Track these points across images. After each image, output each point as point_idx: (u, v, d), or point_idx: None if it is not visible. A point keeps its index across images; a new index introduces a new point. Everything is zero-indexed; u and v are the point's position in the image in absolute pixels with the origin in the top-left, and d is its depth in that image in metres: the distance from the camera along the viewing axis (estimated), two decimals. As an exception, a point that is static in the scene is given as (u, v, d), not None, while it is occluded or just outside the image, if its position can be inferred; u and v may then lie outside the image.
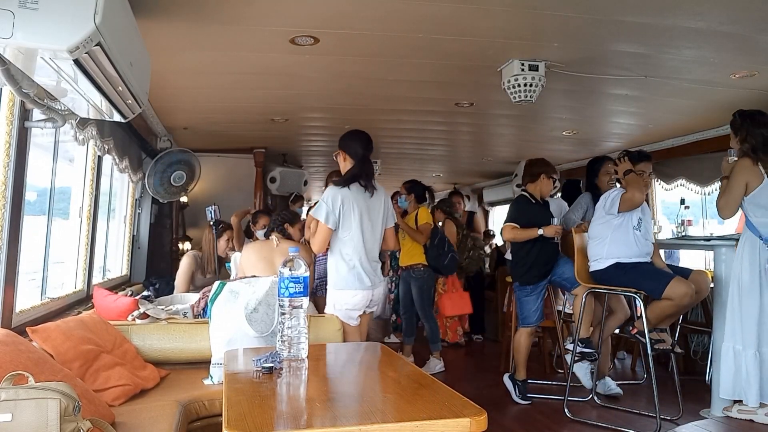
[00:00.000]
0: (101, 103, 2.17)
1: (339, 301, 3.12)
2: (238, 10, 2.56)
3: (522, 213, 4.02)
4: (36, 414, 1.53)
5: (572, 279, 3.86)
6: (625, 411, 3.80)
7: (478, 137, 5.84)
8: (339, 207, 3.06)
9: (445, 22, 2.71)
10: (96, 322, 2.82)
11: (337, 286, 3.13)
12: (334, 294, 3.14)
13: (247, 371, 1.93)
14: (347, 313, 3.13)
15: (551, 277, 4.01)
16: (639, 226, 3.56)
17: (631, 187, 3.51)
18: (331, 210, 3.04)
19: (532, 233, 3.89)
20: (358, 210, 3.09)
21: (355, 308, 3.13)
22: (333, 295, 3.15)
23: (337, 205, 3.05)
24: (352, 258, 3.08)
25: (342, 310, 3.12)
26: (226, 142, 5.90)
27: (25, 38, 1.59)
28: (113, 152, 3.87)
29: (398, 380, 1.90)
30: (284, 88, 3.93)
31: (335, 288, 3.14)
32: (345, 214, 3.07)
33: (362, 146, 3.17)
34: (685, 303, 3.34)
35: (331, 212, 3.04)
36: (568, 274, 3.91)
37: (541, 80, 3.19)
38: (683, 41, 2.89)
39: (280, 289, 2.05)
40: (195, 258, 4.44)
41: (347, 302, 3.11)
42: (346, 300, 3.11)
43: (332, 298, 3.15)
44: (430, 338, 5.05)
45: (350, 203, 3.08)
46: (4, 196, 2.40)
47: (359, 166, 3.15)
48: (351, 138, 3.21)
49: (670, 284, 3.30)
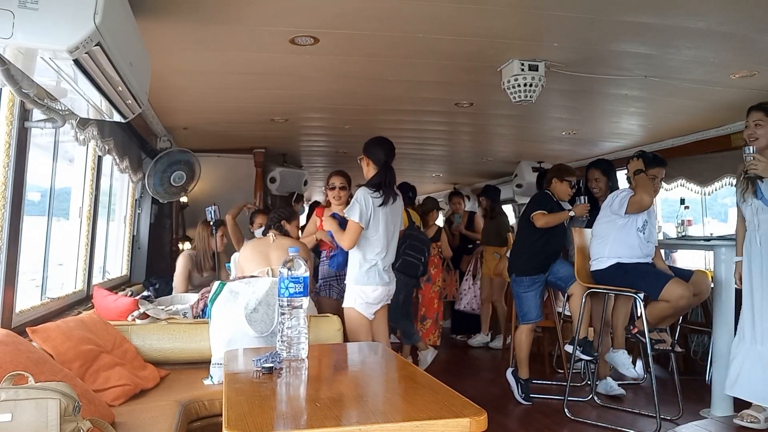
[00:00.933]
0: (101, 103, 2.17)
1: (361, 295, 3.29)
2: (238, 10, 2.56)
3: (545, 203, 4.05)
4: (36, 414, 1.53)
5: (567, 278, 3.87)
6: (625, 411, 3.80)
7: (478, 137, 5.84)
8: (371, 208, 3.25)
9: (445, 22, 2.71)
10: (96, 323, 2.82)
11: (359, 281, 3.29)
12: (356, 288, 3.30)
13: (247, 371, 1.93)
14: (368, 306, 3.31)
15: (548, 275, 4.02)
16: (644, 228, 3.56)
17: (640, 190, 3.49)
18: (364, 210, 3.23)
19: (563, 215, 3.96)
20: (384, 213, 3.29)
21: (375, 302, 3.32)
22: (355, 289, 3.31)
23: (369, 206, 3.25)
24: (377, 256, 3.28)
25: (363, 303, 3.29)
26: (226, 142, 5.90)
27: (25, 38, 1.59)
28: (113, 152, 3.87)
29: (398, 380, 1.90)
30: (284, 88, 3.93)
31: (357, 283, 3.29)
32: (374, 216, 3.26)
33: (385, 154, 3.36)
34: (682, 305, 3.33)
35: (365, 212, 3.23)
36: (563, 273, 3.92)
37: (541, 80, 3.19)
38: (683, 41, 2.89)
39: (280, 289, 2.05)
40: (190, 257, 4.43)
41: (368, 296, 3.29)
42: (367, 294, 3.29)
43: (354, 291, 3.31)
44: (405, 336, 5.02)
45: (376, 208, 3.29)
46: (4, 196, 2.40)
47: (383, 173, 3.34)
48: (375, 145, 3.40)
49: (667, 286, 3.30)
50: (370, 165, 3.37)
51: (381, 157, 3.35)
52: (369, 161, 3.37)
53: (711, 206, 5.74)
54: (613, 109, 4.42)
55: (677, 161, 5.29)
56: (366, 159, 3.38)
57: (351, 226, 3.23)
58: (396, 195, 3.39)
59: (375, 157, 3.36)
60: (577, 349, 3.72)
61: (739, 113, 4.30)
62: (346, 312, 3.33)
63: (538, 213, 4.00)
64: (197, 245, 4.55)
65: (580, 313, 3.74)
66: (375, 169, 3.36)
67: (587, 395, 4.02)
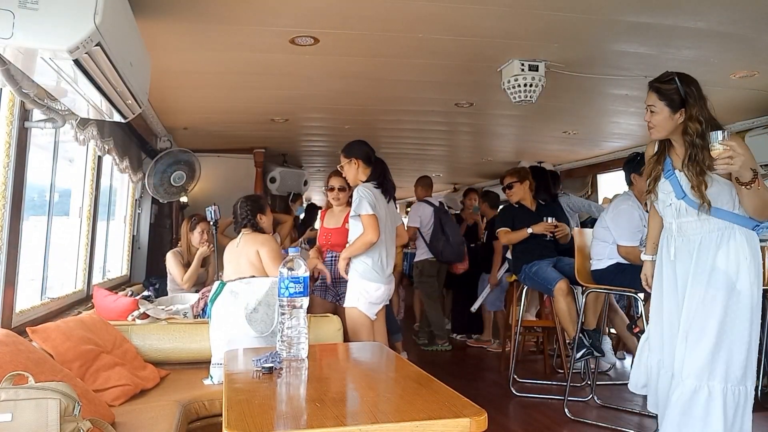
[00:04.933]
0: (101, 103, 2.17)
1: (364, 294, 3.28)
2: (238, 10, 2.56)
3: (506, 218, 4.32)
4: (36, 414, 1.53)
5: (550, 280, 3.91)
6: (625, 411, 3.80)
7: (478, 137, 5.84)
8: (375, 200, 3.27)
9: (445, 22, 2.71)
10: (96, 322, 2.82)
11: (365, 276, 3.28)
12: (360, 286, 3.29)
13: (247, 371, 1.93)
14: (371, 306, 3.30)
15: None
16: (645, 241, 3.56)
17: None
18: (373, 202, 3.24)
19: (522, 234, 4.13)
20: (384, 207, 3.34)
21: (377, 302, 3.33)
22: (359, 288, 3.29)
23: (373, 198, 3.27)
24: (380, 251, 3.30)
25: (366, 303, 3.29)
26: (226, 142, 5.90)
27: (25, 38, 1.60)
28: (113, 152, 3.87)
29: (398, 380, 1.90)
30: (284, 88, 3.93)
31: (363, 278, 3.28)
32: (377, 209, 3.28)
33: (370, 150, 3.42)
34: None
35: (373, 202, 3.25)
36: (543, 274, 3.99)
37: (541, 80, 3.19)
38: (683, 41, 2.89)
39: (280, 289, 2.05)
40: (177, 253, 4.46)
41: (372, 295, 3.29)
42: (371, 293, 3.29)
43: (357, 290, 3.30)
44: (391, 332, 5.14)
45: (379, 200, 3.33)
46: (4, 196, 2.40)
47: (378, 168, 3.40)
48: (357, 144, 3.44)
49: None
50: (359, 165, 3.38)
51: (369, 152, 3.40)
52: (358, 161, 3.38)
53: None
54: (613, 109, 4.42)
55: (677, 161, 5.29)
56: (354, 160, 3.38)
57: (366, 219, 3.20)
58: (393, 190, 3.46)
59: (364, 155, 3.38)
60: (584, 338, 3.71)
61: (739, 113, 4.32)
62: (348, 312, 3.32)
63: (501, 231, 4.30)
64: (181, 240, 4.60)
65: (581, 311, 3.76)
66: (366, 167, 3.38)
67: (587, 395, 4.02)
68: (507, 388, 4.25)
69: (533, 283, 4.12)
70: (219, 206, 4.65)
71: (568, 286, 3.83)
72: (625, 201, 3.61)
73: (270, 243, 3.25)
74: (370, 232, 3.18)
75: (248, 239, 3.25)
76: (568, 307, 3.82)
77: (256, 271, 3.12)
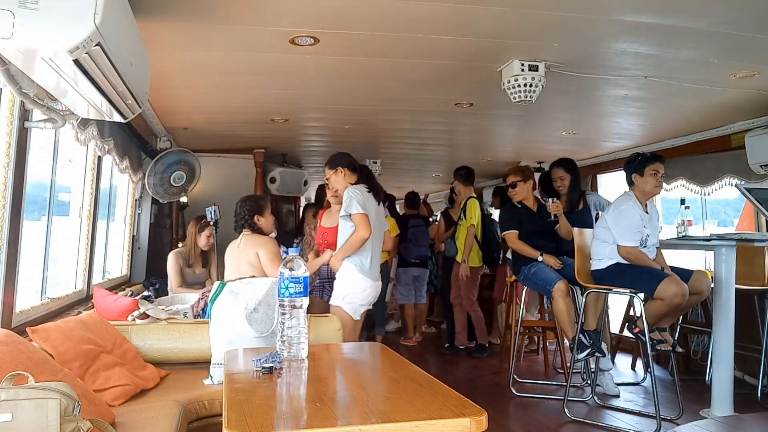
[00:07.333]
0: (101, 103, 2.17)
1: (350, 294, 3.33)
2: (238, 10, 2.56)
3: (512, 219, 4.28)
4: (36, 414, 1.53)
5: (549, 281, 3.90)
6: (625, 411, 3.80)
7: (478, 137, 5.83)
8: (365, 200, 3.35)
9: (445, 22, 2.71)
10: (96, 322, 2.82)
11: (352, 277, 3.33)
12: (348, 284, 3.33)
13: (247, 371, 1.93)
14: (355, 307, 3.34)
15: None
16: (645, 242, 3.56)
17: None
18: (362, 201, 3.33)
19: (531, 253, 4.10)
20: (374, 209, 3.41)
21: (363, 304, 3.38)
22: (346, 286, 3.33)
23: (362, 198, 3.35)
24: (369, 252, 3.36)
25: (351, 303, 3.32)
26: (226, 142, 5.90)
27: (25, 38, 1.59)
28: (113, 152, 3.87)
29: (398, 380, 1.90)
30: (284, 88, 3.93)
31: (350, 278, 3.33)
32: (368, 209, 3.35)
33: (351, 158, 3.57)
34: (676, 303, 3.30)
35: (363, 202, 3.33)
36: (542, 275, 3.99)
37: (541, 80, 3.19)
38: (683, 41, 2.89)
39: (280, 289, 2.05)
40: (178, 254, 4.46)
41: (357, 296, 3.33)
42: (356, 294, 3.33)
43: (344, 288, 3.34)
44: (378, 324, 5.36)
45: (369, 201, 3.40)
46: (4, 196, 2.40)
47: (365, 174, 3.54)
48: (340, 156, 3.59)
49: (661, 284, 3.29)
50: (345, 173, 3.52)
51: (352, 161, 3.55)
52: (344, 170, 3.52)
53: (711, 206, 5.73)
54: (613, 109, 4.42)
55: (677, 161, 5.30)
56: (341, 169, 3.52)
57: (357, 217, 3.28)
58: (384, 194, 3.57)
59: (348, 163, 3.53)
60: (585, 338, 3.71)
61: (739, 113, 4.32)
62: (332, 310, 3.35)
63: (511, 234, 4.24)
64: (187, 241, 4.60)
65: (581, 311, 3.76)
66: (352, 174, 3.53)
67: (587, 395, 4.02)
68: (507, 388, 4.25)
69: (532, 284, 4.11)
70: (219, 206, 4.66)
71: (567, 286, 3.83)
72: (625, 201, 3.61)
73: (269, 245, 3.29)
74: (362, 229, 3.26)
75: (248, 240, 3.30)
76: (567, 308, 3.82)
77: (255, 272, 3.13)
